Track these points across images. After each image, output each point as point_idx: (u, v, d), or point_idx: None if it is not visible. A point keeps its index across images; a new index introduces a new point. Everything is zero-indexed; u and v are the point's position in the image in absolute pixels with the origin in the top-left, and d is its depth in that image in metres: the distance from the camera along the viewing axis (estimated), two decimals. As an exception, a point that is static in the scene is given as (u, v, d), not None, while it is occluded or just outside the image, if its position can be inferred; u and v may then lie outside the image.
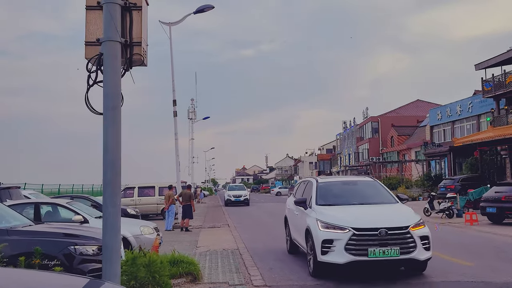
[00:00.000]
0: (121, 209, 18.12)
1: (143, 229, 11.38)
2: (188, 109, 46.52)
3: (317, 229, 8.44)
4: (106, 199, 4.84)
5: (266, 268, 9.99)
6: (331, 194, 9.82)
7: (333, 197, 9.67)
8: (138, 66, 5.41)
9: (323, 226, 8.39)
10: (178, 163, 22.27)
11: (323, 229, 8.34)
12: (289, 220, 11.56)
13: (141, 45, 5.21)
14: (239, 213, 30.68)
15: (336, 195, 9.78)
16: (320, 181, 10.27)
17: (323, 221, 8.46)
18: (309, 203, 9.62)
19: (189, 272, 8.52)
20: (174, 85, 22.02)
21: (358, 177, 13.25)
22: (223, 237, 15.89)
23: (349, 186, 10.49)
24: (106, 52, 4.92)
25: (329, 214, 8.68)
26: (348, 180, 11.34)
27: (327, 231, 8.29)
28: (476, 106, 39.27)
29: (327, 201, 9.42)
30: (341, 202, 9.45)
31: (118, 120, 4.90)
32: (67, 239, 6.68)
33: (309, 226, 8.83)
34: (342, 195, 9.84)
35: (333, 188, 10.18)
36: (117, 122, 4.89)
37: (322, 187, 9.95)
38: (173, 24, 21.03)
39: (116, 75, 4.96)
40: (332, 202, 9.43)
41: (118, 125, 4.90)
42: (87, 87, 5.09)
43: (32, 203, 11.17)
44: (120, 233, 4.91)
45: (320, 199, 9.45)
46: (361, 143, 68.04)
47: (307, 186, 10.72)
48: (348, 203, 9.42)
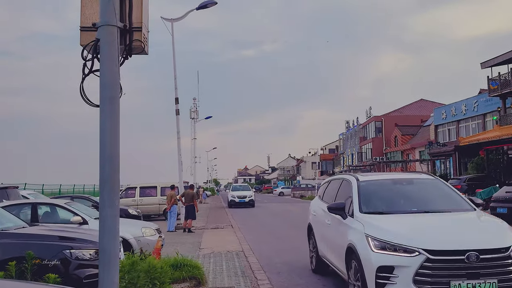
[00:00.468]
0: (122, 209, 17.79)
1: (145, 230, 10.95)
2: (190, 108, 46.04)
3: (368, 250, 5.87)
4: (103, 199, 4.38)
5: (274, 272, 9.55)
6: (379, 197, 7.28)
7: (382, 201, 7.15)
8: (139, 54, 4.95)
9: (377, 246, 5.83)
10: (180, 162, 21.85)
11: (378, 250, 5.79)
12: (316, 231, 9.03)
13: (142, 30, 4.75)
14: (243, 213, 30.24)
15: (386, 199, 7.24)
16: (361, 179, 7.59)
17: (377, 238, 5.89)
18: (349, 210, 6.99)
19: (193, 276, 8.09)
20: (176, 83, 21.59)
21: (411, 173, 9.56)
22: (227, 238, 15.45)
23: (403, 187, 7.67)
24: (103, 37, 4.46)
25: (384, 227, 6.11)
26: (399, 178, 8.20)
27: (384, 253, 5.74)
28: (481, 105, 38.80)
29: (375, 208, 6.90)
30: (395, 209, 6.86)
31: (116, 112, 4.44)
32: (62, 242, 6.22)
33: (352, 243, 6.29)
34: (394, 199, 7.25)
35: (381, 189, 7.52)
36: (115, 115, 4.43)
37: (365, 187, 7.30)
38: (175, 20, 20.59)
39: (114, 63, 4.49)
40: (383, 209, 6.88)
41: (116, 118, 4.44)
42: (82, 77, 4.64)
43: (29, 204, 10.75)
44: (119, 237, 4.45)
45: (365, 205, 6.88)
46: (364, 143, 67.58)
47: (342, 186, 8.11)
48: (405, 211, 6.86)
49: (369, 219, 6.44)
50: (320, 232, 8.67)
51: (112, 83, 4.47)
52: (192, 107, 46.63)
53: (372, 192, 7.30)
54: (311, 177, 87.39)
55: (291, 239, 15.51)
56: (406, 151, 54.67)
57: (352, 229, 6.54)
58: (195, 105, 46.57)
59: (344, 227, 6.88)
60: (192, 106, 46.61)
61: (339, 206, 7.17)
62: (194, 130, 48.93)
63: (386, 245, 5.78)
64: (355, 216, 6.69)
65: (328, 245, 8.01)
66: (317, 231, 8.94)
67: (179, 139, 21.88)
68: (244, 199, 38.55)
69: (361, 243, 6.05)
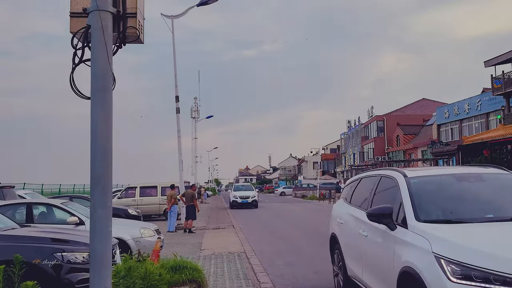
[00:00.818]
0: (122, 209, 17.37)
1: (144, 231, 10.61)
2: (191, 107, 45.74)
3: (442, 279, 3.91)
4: (94, 199, 4.03)
5: (277, 274, 9.20)
6: (441, 200, 5.26)
7: (446, 205, 5.13)
8: (133, 42, 4.62)
9: (457, 273, 3.87)
10: (181, 161, 21.52)
11: (459, 280, 3.83)
12: (344, 244, 6.96)
13: (137, 17, 4.41)
14: (244, 214, 29.90)
15: (451, 202, 5.21)
16: (410, 175, 5.56)
17: (456, 261, 3.92)
18: (398, 217, 5.08)
19: (192, 279, 7.73)
20: (177, 80, 21.25)
21: (476, 167, 6.71)
22: (229, 239, 15.12)
23: (470, 185, 5.58)
24: (95, 24, 4.12)
25: (462, 243, 4.15)
26: (464, 173, 5.92)
27: (469, 285, 3.76)
28: (485, 104, 38.45)
29: (437, 215, 4.98)
30: (468, 216, 4.86)
31: (108, 103, 4.10)
32: (54, 244, 5.85)
33: (412, 267, 4.35)
34: (463, 202, 5.23)
35: (442, 189, 5.48)
36: (107, 106, 4.09)
37: (419, 186, 5.32)
38: (176, 17, 20.26)
39: (106, 52, 4.15)
40: (450, 216, 4.88)
41: (108, 110, 4.10)
42: (72, 67, 4.30)
43: (24, 204, 10.41)
44: (111, 240, 4.10)
45: (423, 211, 4.92)
46: (366, 142, 67.23)
47: (380, 185, 6.13)
48: (482, 218, 4.85)
49: (434, 230, 4.45)
50: (351, 245, 6.59)
51: (104, 73, 4.13)
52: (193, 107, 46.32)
53: (430, 193, 5.31)
54: (313, 177, 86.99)
55: (293, 239, 15.18)
56: (408, 151, 54.31)
57: (408, 245, 4.60)
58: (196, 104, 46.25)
59: (392, 242, 4.93)
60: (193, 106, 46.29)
61: (385, 212, 5.08)
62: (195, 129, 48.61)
63: (472, 272, 3.78)
64: (410, 226, 4.75)
65: (364, 265, 5.98)
66: (345, 244, 6.91)
67: (180, 138, 21.55)
68: (246, 200, 36.85)
69: (428, 268, 4.10)
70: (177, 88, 21.20)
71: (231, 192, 40.45)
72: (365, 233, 5.83)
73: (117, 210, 19.06)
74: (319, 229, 18.27)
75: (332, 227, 7.65)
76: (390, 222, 5.04)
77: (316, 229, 18.19)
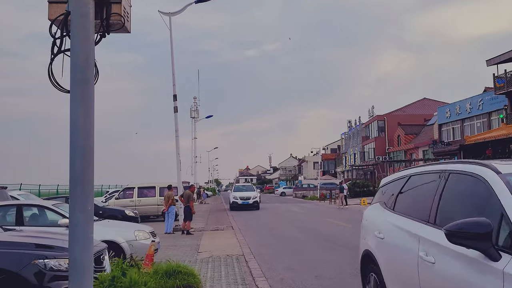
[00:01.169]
0: (119, 210, 16.94)
1: (138, 233, 10.23)
2: (191, 107, 45.41)
3: None
4: (73, 201, 3.65)
5: (276, 279, 8.83)
6: None
7: None
8: (118, 31, 4.25)
9: None
10: (179, 162, 21.14)
11: None
12: (388, 268, 4.87)
13: (121, 3, 4.05)
14: (244, 214, 29.51)
15: None
16: (506, 171, 3.44)
17: None
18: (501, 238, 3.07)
19: (188, 284, 7.37)
20: (175, 79, 20.89)
21: None
22: (227, 241, 14.74)
23: None
24: (75, 10, 3.75)
25: None
26: None
27: None
28: (487, 103, 38.08)
29: None
30: None
31: (89, 97, 3.73)
32: (35, 250, 5.45)
33: None
34: None
35: None
36: (88, 100, 3.72)
37: None
38: (173, 14, 19.89)
39: (87, 41, 3.78)
40: None
41: (89, 103, 3.73)
42: (51, 57, 3.94)
43: (14, 205, 10.03)
44: (93, 247, 3.73)
45: None
46: (367, 142, 66.85)
47: (448, 187, 4.07)
48: None
49: None
50: (400, 272, 4.52)
51: (84, 64, 3.75)
52: (193, 106, 45.95)
53: None
54: (313, 177, 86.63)
55: (293, 241, 14.80)
56: (410, 151, 53.94)
57: None
58: (195, 104, 45.88)
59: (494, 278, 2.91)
60: (193, 105, 45.93)
61: (479, 230, 3.01)
62: (194, 129, 48.27)
63: None
64: None
65: None
66: (389, 268, 4.83)
67: (178, 137, 21.18)
68: (247, 201, 34.50)
69: None
70: (175, 87, 20.86)
71: (231, 192, 38.24)
72: (432, 259, 3.77)
73: (114, 211, 18.72)
74: (320, 230, 17.92)
75: (364, 242, 5.66)
76: (490, 247, 3.02)
77: (317, 231, 17.83)
